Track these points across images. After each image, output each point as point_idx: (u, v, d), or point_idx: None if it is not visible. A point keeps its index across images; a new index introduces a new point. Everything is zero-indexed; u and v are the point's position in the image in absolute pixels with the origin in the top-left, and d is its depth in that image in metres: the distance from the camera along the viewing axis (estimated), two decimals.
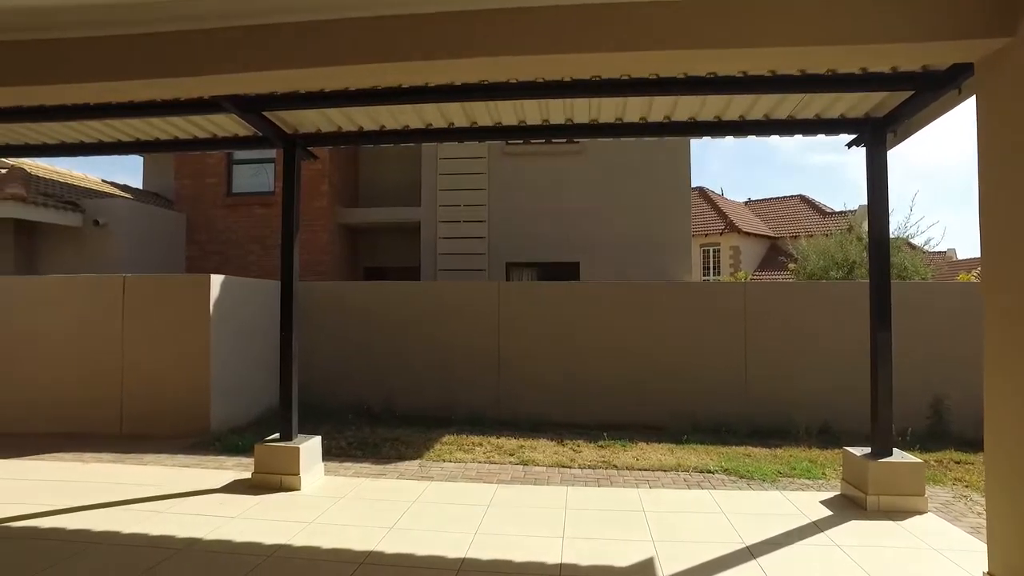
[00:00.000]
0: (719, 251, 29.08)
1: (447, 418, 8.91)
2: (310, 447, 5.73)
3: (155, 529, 4.49)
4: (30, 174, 12.41)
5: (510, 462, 6.79)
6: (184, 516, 4.77)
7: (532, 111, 5.39)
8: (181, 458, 6.85)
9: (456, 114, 5.47)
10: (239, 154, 13.25)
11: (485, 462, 6.78)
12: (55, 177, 13.39)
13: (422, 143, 6.05)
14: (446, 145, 12.21)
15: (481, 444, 7.51)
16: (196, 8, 3.70)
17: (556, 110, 5.35)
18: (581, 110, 5.33)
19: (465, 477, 6.17)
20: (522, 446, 7.43)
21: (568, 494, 5.51)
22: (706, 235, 28.40)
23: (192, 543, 4.24)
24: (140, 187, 15.44)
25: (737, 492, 5.69)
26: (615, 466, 6.65)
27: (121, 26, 3.85)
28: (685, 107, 5.19)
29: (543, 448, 7.36)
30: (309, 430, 7.98)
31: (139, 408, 8.12)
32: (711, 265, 29.35)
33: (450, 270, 12.09)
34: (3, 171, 12.56)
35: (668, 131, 5.59)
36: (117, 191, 14.13)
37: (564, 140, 5.94)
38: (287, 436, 5.72)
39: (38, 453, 7.08)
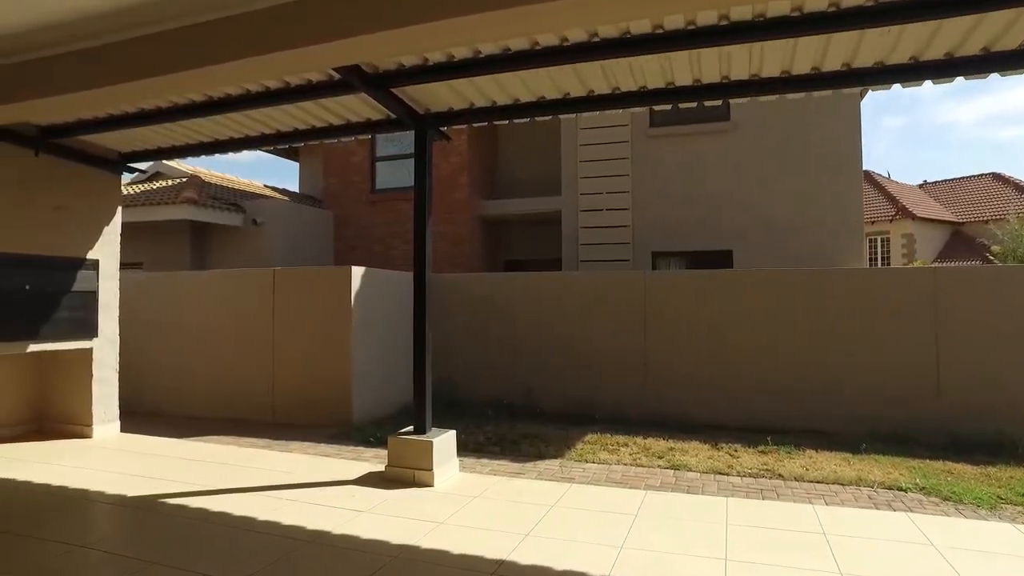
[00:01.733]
0: (888, 240, 26.04)
1: (589, 416, 8.39)
2: (444, 441, 5.45)
3: (287, 518, 4.37)
4: (204, 181, 13.47)
5: (659, 465, 6.14)
6: (316, 507, 4.64)
7: (681, 68, 4.71)
8: (323, 447, 6.88)
9: (595, 78, 4.92)
10: (381, 151, 13.56)
11: (631, 464, 6.18)
12: (224, 183, 14.46)
13: (560, 115, 5.55)
14: (587, 131, 11.67)
15: (626, 444, 6.90)
16: None
17: (710, 64, 4.63)
18: (740, 62, 4.57)
19: (609, 480, 5.62)
20: (671, 448, 6.73)
21: (728, 506, 4.77)
22: (872, 222, 25.46)
23: (319, 536, 4.05)
24: (296, 190, 16.37)
25: (945, 519, 4.63)
26: (780, 475, 5.79)
27: (222, 9, 3.74)
28: (871, 48, 4.27)
29: (695, 451, 6.62)
30: (448, 424, 7.76)
31: (288, 398, 8.36)
32: (878, 255, 26.35)
33: (592, 261, 11.53)
34: (184, 180, 13.74)
35: (851, 81, 4.67)
36: (275, 194, 15.02)
37: (719, 102, 5.18)
38: (421, 429, 5.48)
39: (203, 435, 7.46)
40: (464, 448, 6.70)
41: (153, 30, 4.21)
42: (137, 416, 8.77)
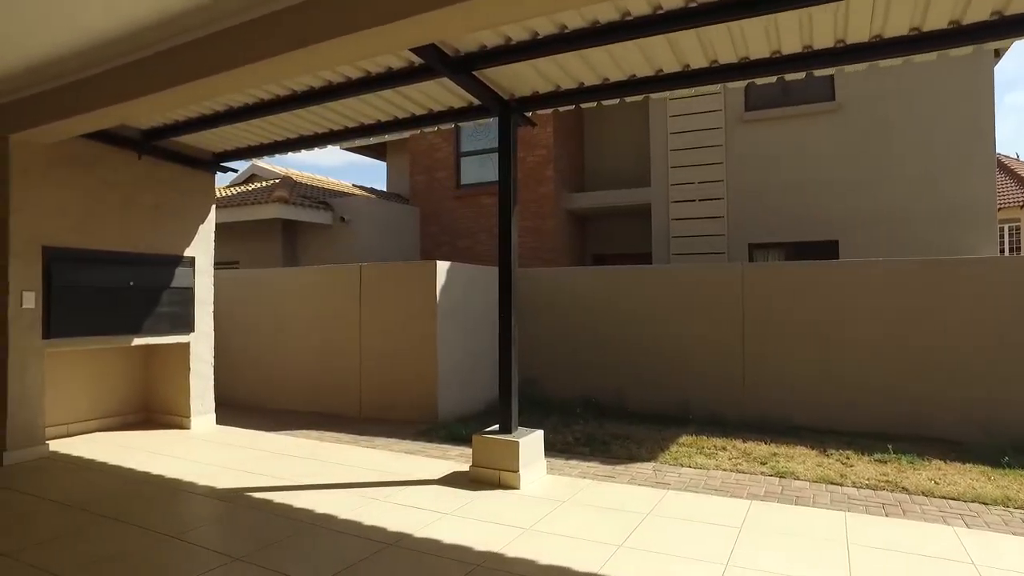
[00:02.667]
0: (1018, 228, 23.62)
1: (683, 416, 7.92)
2: (531, 442, 5.19)
3: (368, 518, 4.24)
4: (295, 181, 13.87)
5: (762, 472, 5.64)
6: (398, 507, 4.49)
7: (790, 33, 4.23)
8: (407, 444, 6.79)
9: (692, 50, 4.52)
10: (466, 146, 13.49)
11: (731, 470, 5.71)
12: (314, 183, 14.85)
13: (652, 93, 5.15)
14: (677, 119, 11.11)
15: (725, 448, 6.42)
16: None
17: (824, 26, 4.13)
18: (859, 21, 4.05)
19: (708, 487, 5.18)
20: (775, 453, 6.20)
21: (848, 522, 4.26)
22: (999, 208, 23.13)
23: (400, 539, 3.88)
24: (384, 189, 16.63)
25: None
26: (904, 489, 5.16)
27: None
28: None
29: (801, 457, 6.06)
30: (535, 423, 7.54)
31: (374, 394, 8.37)
32: (1006, 244, 23.94)
33: (685, 254, 10.98)
34: (276, 181, 14.20)
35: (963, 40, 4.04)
36: (362, 192, 15.27)
37: (831, 69, 4.64)
38: (506, 428, 5.25)
39: (292, 429, 7.56)
40: (552, 448, 6.43)
41: (230, 23, 4.19)
42: (232, 409, 9.05)
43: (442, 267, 8.12)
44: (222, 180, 16.13)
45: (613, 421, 7.85)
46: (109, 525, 4.14)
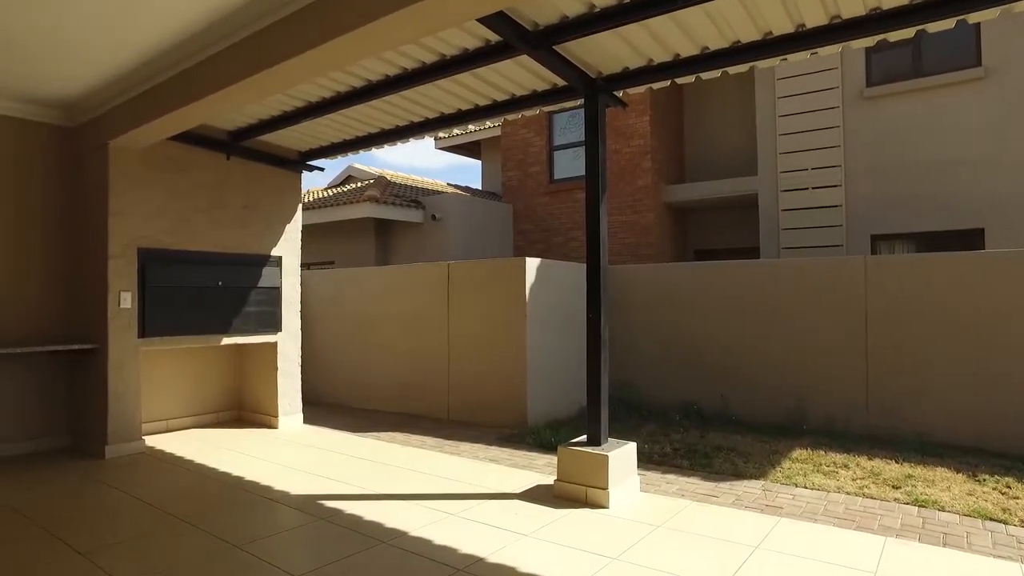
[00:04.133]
0: None
1: (796, 426, 7.11)
2: (622, 456, 4.67)
3: (440, 536, 3.90)
4: (388, 181, 13.94)
5: (895, 499, 4.82)
6: (474, 524, 4.12)
7: None
8: (493, 451, 6.44)
9: (809, 6, 3.86)
10: (558, 139, 13.04)
11: (856, 494, 4.93)
12: (407, 183, 14.91)
13: (760, 61, 4.49)
14: (786, 100, 10.15)
15: (847, 466, 5.61)
16: None
17: None
18: None
19: (829, 514, 4.46)
20: (909, 475, 5.34)
21: None
22: None
23: (470, 563, 3.50)
24: (479, 188, 16.48)
25: None
26: None
27: None
28: None
29: (944, 482, 5.17)
30: (629, 430, 7.03)
31: (462, 395, 8.10)
32: None
33: (797, 248, 10.01)
34: (370, 181, 14.34)
35: None
36: (456, 191, 15.16)
37: (995, 12, 3.82)
38: (595, 440, 4.76)
39: (377, 431, 7.42)
40: (646, 460, 5.89)
41: (286, 12, 3.99)
42: (320, 408, 9.09)
43: (532, 264, 7.73)
44: (320, 182, 16.54)
45: (716, 430, 7.16)
46: (181, 529, 4.03)
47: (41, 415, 6.27)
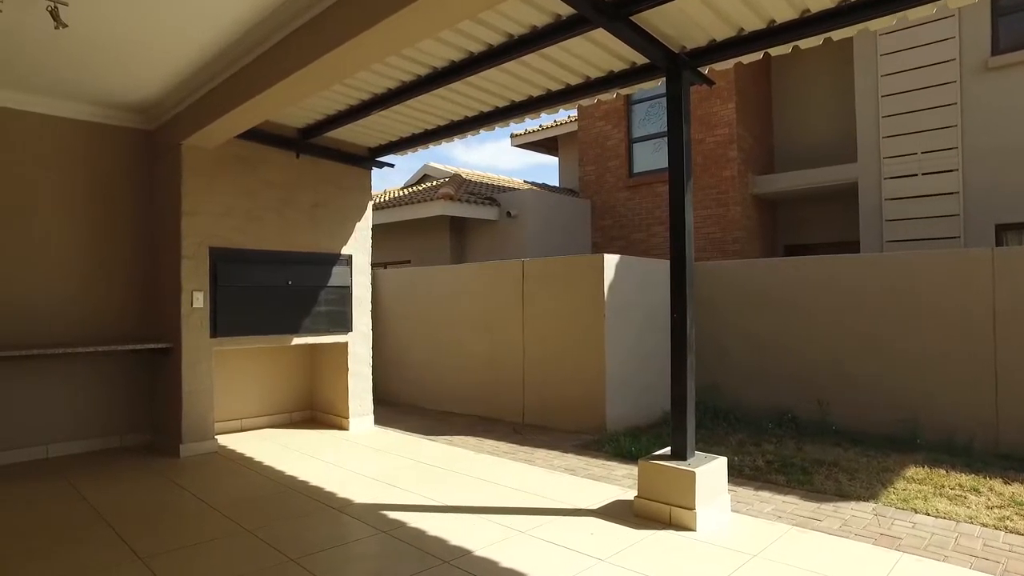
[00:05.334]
0: None
1: (908, 438, 6.35)
2: (711, 472, 4.18)
3: (506, 557, 3.55)
4: (464, 179, 13.78)
5: None
6: (544, 545, 3.75)
7: None
8: (569, 458, 6.06)
9: None
10: (638, 131, 12.47)
11: (994, 526, 4.21)
12: (482, 180, 14.71)
13: (869, 21, 3.90)
14: (891, 78, 9.22)
15: (976, 490, 4.87)
16: None
17: None
18: None
19: (963, 551, 3.80)
20: None
21: None
22: None
23: None
24: (556, 185, 16.09)
25: None
26: None
27: None
28: None
29: None
30: (716, 439, 6.49)
31: (537, 398, 7.75)
32: None
33: (904, 241, 9.08)
34: (445, 179, 14.24)
35: None
36: (531, 187, 14.84)
37: None
38: (680, 453, 4.29)
39: (449, 434, 7.19)
40: (736, 473, 5.35)
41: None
42: (393, 408, 8.98)
43: (610, 260, 7.28)
44: (396, 181, 16.62)
45: (813, 441, 6.49)
46: (238, 538, 3.88)
47: (125, 412, 6.39)
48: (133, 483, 5.13)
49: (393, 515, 4.29)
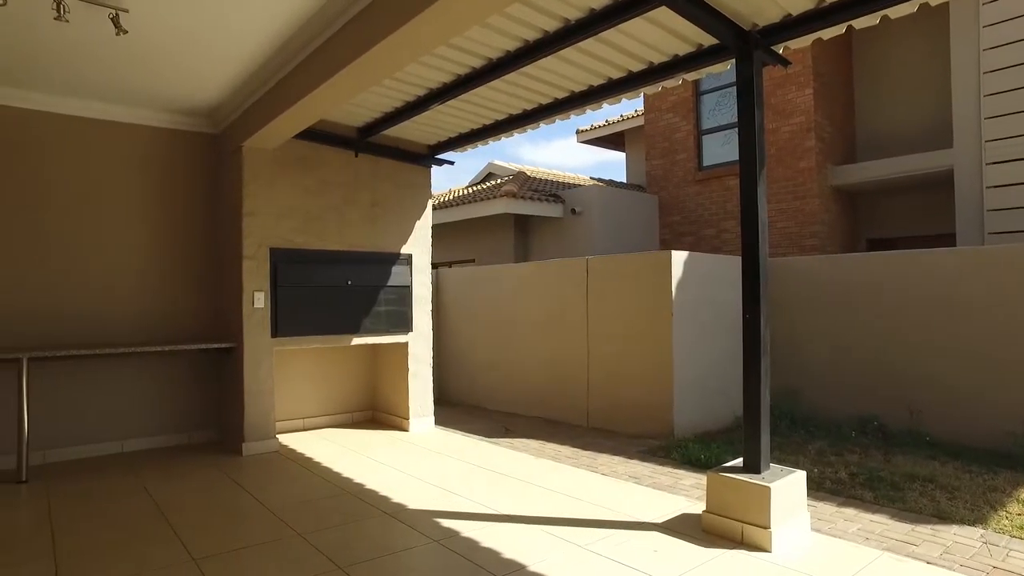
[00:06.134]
0: None
1: (1016, 454, 5.72)
2: (788, 487, 3.81)
3: (562, 574, 3.32)
4: (528, 176, 13.60)
5: None
6: (603, 561, 3.49)
7: None
8: (634, 465, 5.77)
9: None
10: (707, 122, 11.95)
11: None
12: (546, 177, 14.48)
13: None
14: (994, 52, 8.41)
15: None
16: None
17: None
18: None
19: None
20: None
21: None
22: None
23: None
24: (623, 181, 15.69)
25: None
26: None
27: None
28: None
29: None
30: (793, 448, 6.07)
31: (602, 400, 7.48)
32: None
33: (1010, 232, 8.28)
34: (509, 177, 14.10)
35: None
36: (597, 184, 14.50)
37: None
38: (753, 465, 3.94)
39: (511, 436, 7.03)
40: (816, 486, 4.95)
41: None
42: (455, 408, 8.89)
43: (678, 257, 6.93)
44: (461, 180, 16.60)
45: (904, 452, 5.96)
46: (291, 543, 3.80)
47: (193, 410, 6.53)
48: (196, 480, 5.19)
49: (447, 523, 4.13)
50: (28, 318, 5.72)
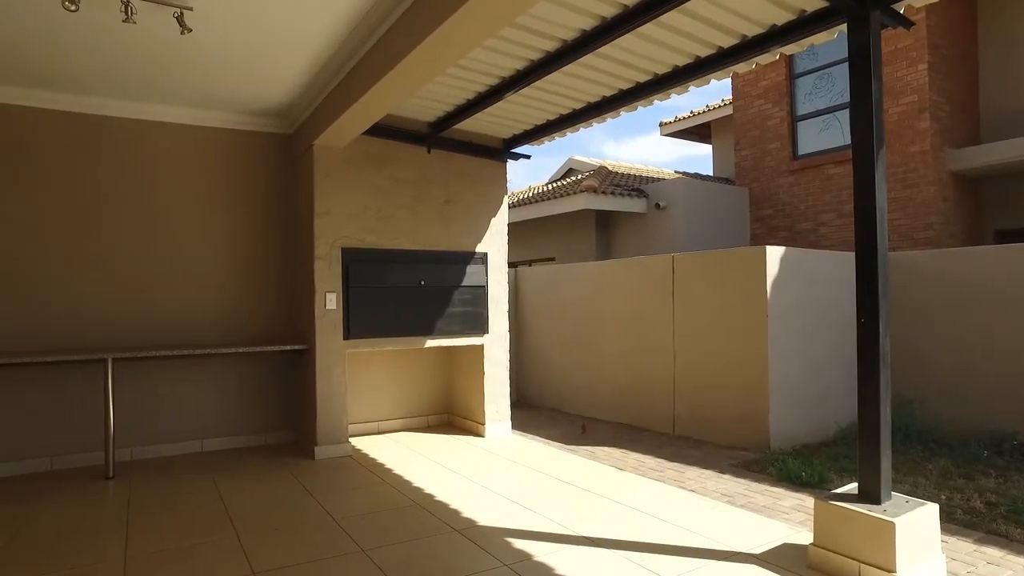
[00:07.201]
0: None
1: None
2: (917, 523, 3.23)
3: None
4: (609, 171, 13.13)
5: None
6: None
7: None
8: (726, 481, 5.26)
9: None
10: (803, 108, 11.07)
11: None
12: (629, 172, 13.93)
13: None
14: None
15: None
16: None
17: None
18: None
19: None
20: None
21: None
22: None
23: None
24: (710, 174, 14.91)
25: None
26: None
27: None
28: None
29: None
30: (911, 468, 5.40)
31: (689, 407, 6.96)
32: None
33: None
34: (590, 172, 13.66)
35: None
36: (682, 177, 13.82)
37: None
38: (871, 494, 3.38)
39: (591, 444, 6.66)
40: (945, 517, 4.27)
41: None
42: (533, 411, 8.58)
43: (773, 253, 6.33)
44: (541, 177, 16.28)
45: None
46: (351, 559, 3.59)
47: (268, 411, 6.52)
48: (266, 484, 5.11)
49: (519, 543, 3.81)
50: (113, 321, 5.84)
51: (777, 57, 4.56)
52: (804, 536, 3.78)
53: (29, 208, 5.59)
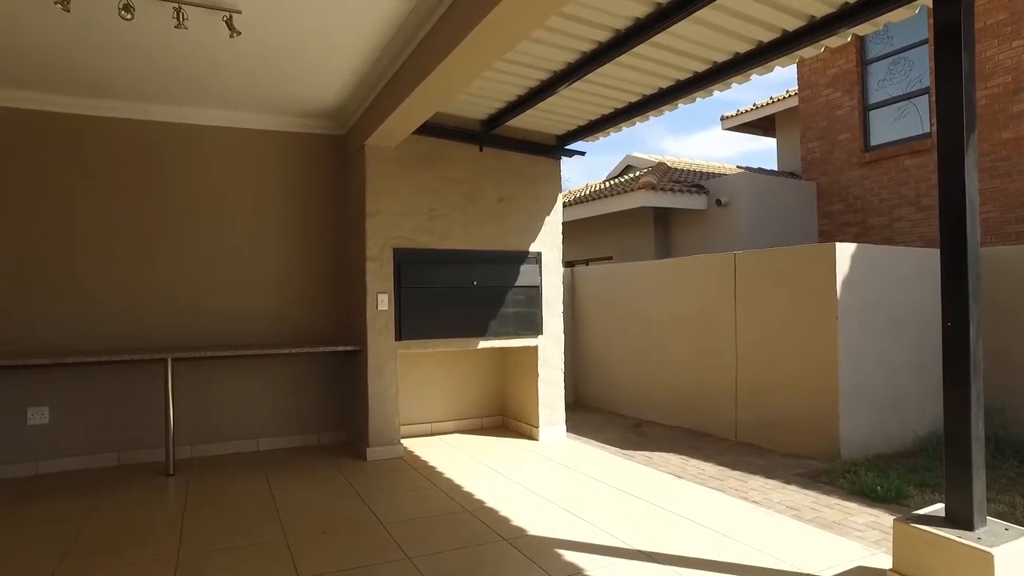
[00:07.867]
0: None
1: None
2: (1019, 555, 2.89)
3: None
4: (668, 167, 12.77)
5: None
6: None
7: None
8: (792, 492, 4.95)
9: None
10: (875, 96, 10.46)
11: None
12: (689, 167, 13.52)
13: None
14: None
15: None
16: None
17: None
18: None
19: None
20: None
21: None
22: None
23: None
24: (774, 168, 14.32)
25: None
26: None
27: None
28: None
29: None
30: (1002, 485, 5.04)
31: (752, 412, 6.63)
32: None
33: None
34: (648, 169, 13.33)
35: None
36: (745, 172, 13.31)
37: None
38: (962, 518, 3.05)
39: (649, 449, 6.44)
40: None
41: None
42: (591, 413, 8.41)
43: (844, 251, 5.95)
44: (599, 174, 16.00)
45: None
46: (399, 567, 3.49)
47: (322, 412, 6.55)
48: (317, 485, 5.10)
49: (570, 556, 3.64)
50: (174, 322, 5.98)
51: (849, 39, 4.24)
52: (881, 560, 3.47)
53: (96, 216, 5.78)
